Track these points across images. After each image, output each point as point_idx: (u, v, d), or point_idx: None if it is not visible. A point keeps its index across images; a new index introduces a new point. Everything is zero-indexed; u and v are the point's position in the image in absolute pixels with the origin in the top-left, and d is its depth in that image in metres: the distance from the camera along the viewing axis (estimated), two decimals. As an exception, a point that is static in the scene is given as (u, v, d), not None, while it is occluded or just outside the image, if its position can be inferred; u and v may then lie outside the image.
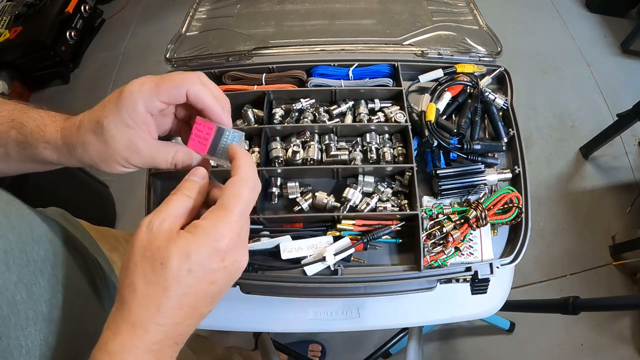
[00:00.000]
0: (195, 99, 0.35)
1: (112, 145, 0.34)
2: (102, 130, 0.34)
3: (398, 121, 0.61)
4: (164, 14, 2.13)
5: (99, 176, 1.54)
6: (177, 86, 0.34)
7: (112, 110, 0.33)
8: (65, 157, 0.37)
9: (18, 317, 0.32)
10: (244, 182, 0.32)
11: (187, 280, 0.29)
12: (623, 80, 1.79)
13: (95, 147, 0.34)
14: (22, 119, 0.37)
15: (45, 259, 0.37)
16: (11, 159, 0.38)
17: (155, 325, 0.29)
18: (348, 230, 0.56)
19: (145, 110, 0.34)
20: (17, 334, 0.31)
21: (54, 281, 0.37)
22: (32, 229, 0.37)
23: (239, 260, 0.32)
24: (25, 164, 0.39)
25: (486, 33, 0.72)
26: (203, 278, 0.30)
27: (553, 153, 1.63)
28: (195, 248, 0.29)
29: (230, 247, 0.31)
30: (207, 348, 0.85)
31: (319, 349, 1.29)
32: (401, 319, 0.64)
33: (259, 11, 0.80)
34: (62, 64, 1.90)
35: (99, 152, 0.35)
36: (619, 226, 1.46)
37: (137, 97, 0.33)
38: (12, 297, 0.32)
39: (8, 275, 0.32)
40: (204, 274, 0.30)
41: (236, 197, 0.32)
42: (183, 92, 0.34)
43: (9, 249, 0.33)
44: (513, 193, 0.57)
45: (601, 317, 1.30)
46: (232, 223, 0.31)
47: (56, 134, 0.36)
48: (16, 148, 0.37)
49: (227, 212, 0.31)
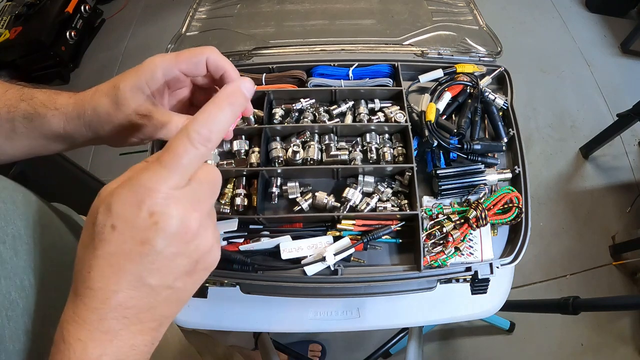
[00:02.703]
0: (216, 66, 0.36)
1: (122, 108, 0.35)
2: (117, 92, 0.35)
3: (398, 121, 0.61)
4: (164, 14, 2.13)
5: (99, 176, 1.54)
6: (197, 54, 0.36)
7: (131, 75, 0.35)
8: (73, 122, 0.37)
9: (26, 302, 0.32)
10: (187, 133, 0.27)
11: (111, 236, 0.25)
12: (623, 80, 1.79)
13: (105, 109, 0.35)
14: (32, 92, 0.39)
15: (52, 245, 0.37)
16: (17, 135, 0.39)
17: (87, 290, 0.26)
18: (348, 230, 0.56)
19: (164, 78, 0.35)
20: (25, 319, 0.32)
21: (62, 268, 0.37)
22: (39, 216, 0.37)
23: (184, 218, 0.26)
24: (31, 140, 0.39)
25: (486, 33, 0.72)
26: (130, 236, 0.25)
27: (553, 153, 1.63)
28: (116, 199, 0.25)
29: (163, 203, 0.26)
30: (209, 347, 0.86)
31: (319, 349, 1.29)
32: (401, 319, 0.64)
33: (259, 11, 0.80)
34: (62, 64, 1.90)
35: (109, 116, 0.35)
36: (619, 226, 1.46)
37: (158, 65, 0.35)
38: (21, 282, 0.32)
39: (16, 261, 0.32)
40: (130, 231, 0.25)
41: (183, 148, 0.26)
42: (203, 60, 0.36)
43: (17, 235, 0.33)
44: (513, 193, 0.57)
45: (601, 317, 1.30)
46: (164, 176, 0.26)
47: (68, 99, 0.37)
48: (23, 121, 0.38)
49: (164, 164, 0.26)
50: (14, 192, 0.36)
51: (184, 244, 0.27)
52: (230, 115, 0.28)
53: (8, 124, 0.38)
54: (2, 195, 0.34)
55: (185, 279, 0.28)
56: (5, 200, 0.34)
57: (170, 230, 0.26)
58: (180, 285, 0.28)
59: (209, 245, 0.28)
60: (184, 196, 0.26)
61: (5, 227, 0.32)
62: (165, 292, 0.27)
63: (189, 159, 0.26)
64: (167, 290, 0.27)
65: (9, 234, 0.32)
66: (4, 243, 0.32)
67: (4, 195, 0.34)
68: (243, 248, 0.55)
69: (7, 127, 0.38)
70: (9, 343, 0.30)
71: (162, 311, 0.28)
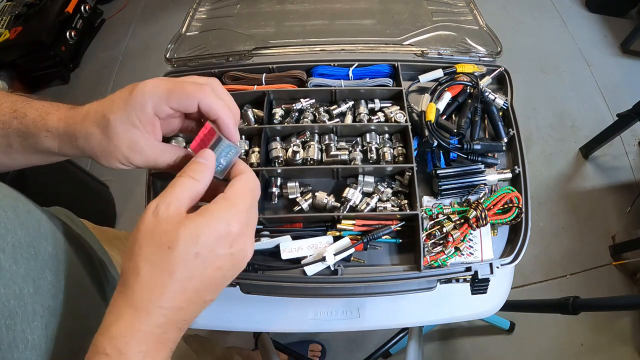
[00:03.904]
0: (208, 111, 0.35)
1: (114, 142, 0.34)
2: (108, 125, 0.34)
3: (398, 121, 0.61)
4: (164, 14, 2.13)
5: (99, 176, 1.54)
6: (189, 97, 0.34)
7: (120, 107, 0.33)
8: (66, 145, 0.37)
9: (25, 311, 0.32)
10: (251, 179, 0.34)
11: (193, 263, 0.29)
12: (623, 80, 1.79)
13: (97, 140, 0.35)
14: (24, 110, 0.37)
15: (52, 254, 0.37)
16: (13, 151, 0.39)
17: (158, 309, 0.29)
18: (348, 230, 0.56)
19: (154, 112, 0.34)
20: (24, 327, 0.32)
21: (61, 276, 0.37)
22: (39, 225, 0.37)
23: (246, 249, 0.32)
24: (28, 155, 0.39)
25: (486, 33, 0.72)
26: (210, 263, 0.30)
27: (553, 153, 1.63)
28: (205, 231, 0.29)
29: (239, 234, 0.31)
30: (208, 348, 0.86)
31: (319, 349, 1.29)
32: (401, 319, 0.64)
33: (259, 11, 0.80)
34: (62, 64, 1.90)
35: (101, 146, 0.35)
36: (619, 226, 1.46)
37: (147, 99, 0.33)
38: (20, 290, 0.32)
39: (16, 269, 0.32)
40: (211, 259, 0.30)
41: (244, 189, 0.33)
42: (194, 103, 0.34)
43: (17, 244, 0.33)
44: (513, 193, 0.57)
45: (601, 317, 1.30)
46: (242, 212, 0.31)
47: (58, 122, 0.36)
48: (18, 139, 0.38)
49: (236, 202, 0.32)
50: (15, 200, 0.36)
51: (242, 264, 0.33)
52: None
53: (4, 140, 0.38)
54: (2, 204, 0.34)
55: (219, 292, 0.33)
56: (6, 208, 0.34)
57: (238, 260, 0.32)
58: (215, 297, 0.33)
59: (251, 254, 0.34)
60: (246, 226, 0.32)
61: (5, 236, 0.32)
62: (206, 304, 0.32)
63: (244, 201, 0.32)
64: (209, 303, 0.32)
65: (8, 243, 0.32)
66: (3, 251, 0.32)
67: (5, 204, 0.34)
68: (243, 248, 0.55)
69: (3, 143, 0.38)
70: (7, 352, 0.30)
71: (195, 316, 0.32)
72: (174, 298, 0.29)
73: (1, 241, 0.32)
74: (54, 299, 0.35)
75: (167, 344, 0.30)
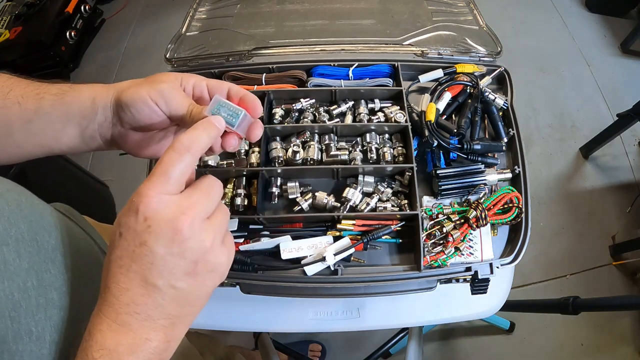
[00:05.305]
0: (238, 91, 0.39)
1: (148, 80, 0.39)
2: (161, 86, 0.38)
3: (398, 121, 0.61)
4: (164, 14, 2.13)
5: (99, 176, 1.54)
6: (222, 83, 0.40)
7: (172, 78, 0.39)
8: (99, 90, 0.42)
9: (29, 303, 0.33)
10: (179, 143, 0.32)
11: (118, 242, 0.30)
12: (623, 80, 1.79)
13: (131, 82, 0.40)
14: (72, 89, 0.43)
15: (55, 247, 0.38)
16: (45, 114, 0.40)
17: (104, 289, 0.30)
18: (348, 230, 0.56)
19: (193, 85, 0.40)
20: (28, 319, 0.32)
21: (64, 269, 0.38)
22: (42, 218, 0.38)
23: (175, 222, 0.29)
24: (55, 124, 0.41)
25: (486, 33, 0.72)
26: (131, 240, 0.30)
27: (553, 153, 1.63)
28: (122, 211, 0.30)
29: (155, 208, 0.29)
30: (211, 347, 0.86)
31: (319, 349, 1.28)
32: (401, 319, 0.64)
33: (259, 11, 0.80)
34: (62, 64, 1.90)
35: (133, 82, 0.40)
36: (619, 226, 1.46)
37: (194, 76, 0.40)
38: (23, 283, 0.33)
39: (19, 262, 0.33)
40: (131, 235, 0.30)
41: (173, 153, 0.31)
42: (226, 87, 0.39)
43: (20, 237, 0.34)
44: (513, 193, 0.57)
45: (601, 317, 1.30)
46: (154, 182, 0.30)
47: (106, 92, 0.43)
48: (52, 97, 0.41)
49: (154, 173, 0.31)
50: (19, 194, 0.37)
51: (176, 245, 0.30)
52: (207, 138, 0.33)
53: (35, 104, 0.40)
54: (6, 198, 0.34)
55: (187, 280, 0.31)
56: (10, 202, 0.34)
57: (161, 232, 0.29)
58: (184, 285, 0.31)
59: (205, 247, 0.31)
60: (175, 201, 0.30)
61: (9, 229, 0.33)
62: (170, 291, 0.31)
63: (175, 167, 0.30)
64: (171, 289, 0.31)
65: (12, 236, 0.33)
66: (7, 245, 0.32)
67: (8, 198, 0.35)
68: (243, 248, 0.55)
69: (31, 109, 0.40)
70: (12, 343, 0.31)
71: (171, 310, 0.31)
72: (113, 278, 0.30)
73: (5, 235, 0.32)
74: (57, 291, 0.36)
75: (126, 327, 0.30)
